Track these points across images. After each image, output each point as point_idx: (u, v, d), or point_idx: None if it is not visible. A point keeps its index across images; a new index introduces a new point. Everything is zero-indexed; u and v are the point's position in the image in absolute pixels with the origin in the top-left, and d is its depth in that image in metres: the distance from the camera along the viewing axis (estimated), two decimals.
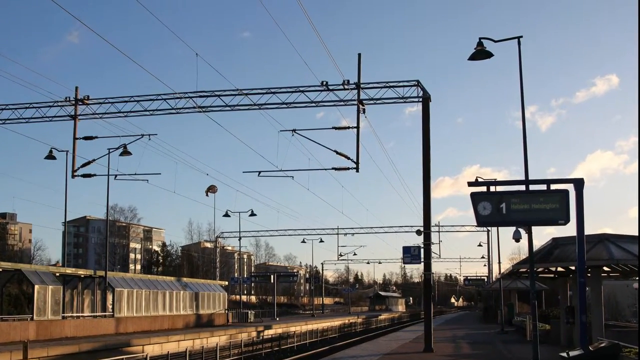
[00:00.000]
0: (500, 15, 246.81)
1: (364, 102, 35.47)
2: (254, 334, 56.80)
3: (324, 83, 35.85)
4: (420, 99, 35.65)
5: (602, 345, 19.50)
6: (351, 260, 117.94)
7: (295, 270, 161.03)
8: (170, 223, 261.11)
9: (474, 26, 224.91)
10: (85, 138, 38.99)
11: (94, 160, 40.00)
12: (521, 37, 24.10)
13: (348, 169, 35.08)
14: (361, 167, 34.73)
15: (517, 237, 45.74)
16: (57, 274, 47.21)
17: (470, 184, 19.06)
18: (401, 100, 36.10)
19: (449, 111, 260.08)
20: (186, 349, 35.65)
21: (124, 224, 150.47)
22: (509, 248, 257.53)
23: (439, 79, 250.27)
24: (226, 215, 76.72)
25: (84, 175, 39.82)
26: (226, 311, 73.12)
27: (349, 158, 34.81)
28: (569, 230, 19.57)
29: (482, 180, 23.17)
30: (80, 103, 38.91)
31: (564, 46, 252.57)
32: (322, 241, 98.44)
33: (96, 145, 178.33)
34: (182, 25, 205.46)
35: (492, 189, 18.93)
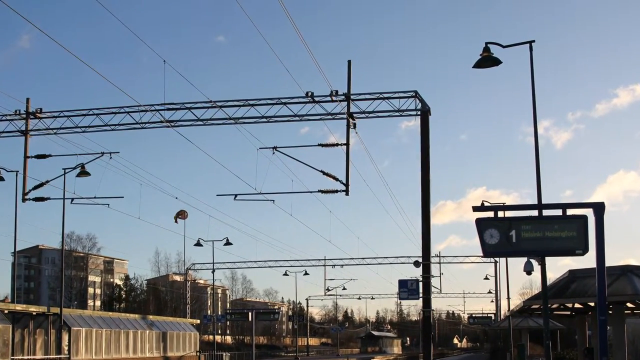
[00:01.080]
0: (509, 18, 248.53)
1: (354, 115, 35.46)
2: None
3: (309, 94, 35.82)
4: (419, 112, 35.67)
5: None
6: (340, 295, 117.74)
7: (276, 307, 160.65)
8: (134, 253, 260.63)
9: (480, 30, 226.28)
10: (38, 157, 38.77)
11: (47, 181, 39.77)
12: (533, 41, 24.19)
13: (336, 191, 35.01)
14: (351, 190, 34.74)
15: (528, 270, 45.65)
16: (6, 311, 46.81)
17: (475, 209, 18.97)
18: (397, 114, 36.09)
19: (452, 126, 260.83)
20: None
21: (81, 255, 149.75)
22: (520, 282, 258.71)
23: (439, 90, 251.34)
24: (198, 244, 76.52)
25: (37, 199, 39.56)
26: (198, 353, 72.70)
27: (337, 179, 34.74)
28: (588, 261, 19.53)
29: (489, 204, 23.15)
30: (32, 117, 38.69)
31: (582, 52, 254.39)
32: (307, 274, 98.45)
33: (50, 164, 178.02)
34: (147, 29, 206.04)
35: (501, 214, 18.84)
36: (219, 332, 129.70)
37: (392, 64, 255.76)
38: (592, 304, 29.15)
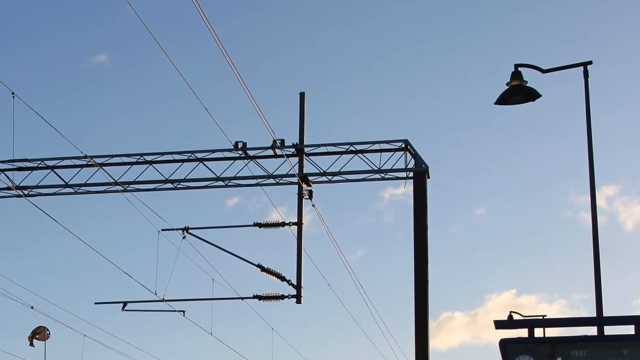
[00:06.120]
0: (548, 32, 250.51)
1: (310, 179, 35.32)
2: None
3: (240, 145, 35.60)
4: (411, 173, 35.52)
5: None
6: None
7: None
8: None
9: (504, 48, 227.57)
10: None
11: None
12: (590, 63, 24.14)
13: (283, 297, 34.86)
14: (306, 295, 34.57)
15: None
16: None
17: (499, 325, 18.93)
18: (377, 176, 35.96)
19: (462, 195, 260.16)
20: None
21: None
22: None
23: (441, 139, 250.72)
24: None
25: None
26: None
27: (284, 279, 34.64)
28: None
29: (521, 317, 23.13)
30: None
31: None
32: None
33: None
34: None
35: (539, 333, 18.82)
36: None
37: (368, 99, 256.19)
38: None
